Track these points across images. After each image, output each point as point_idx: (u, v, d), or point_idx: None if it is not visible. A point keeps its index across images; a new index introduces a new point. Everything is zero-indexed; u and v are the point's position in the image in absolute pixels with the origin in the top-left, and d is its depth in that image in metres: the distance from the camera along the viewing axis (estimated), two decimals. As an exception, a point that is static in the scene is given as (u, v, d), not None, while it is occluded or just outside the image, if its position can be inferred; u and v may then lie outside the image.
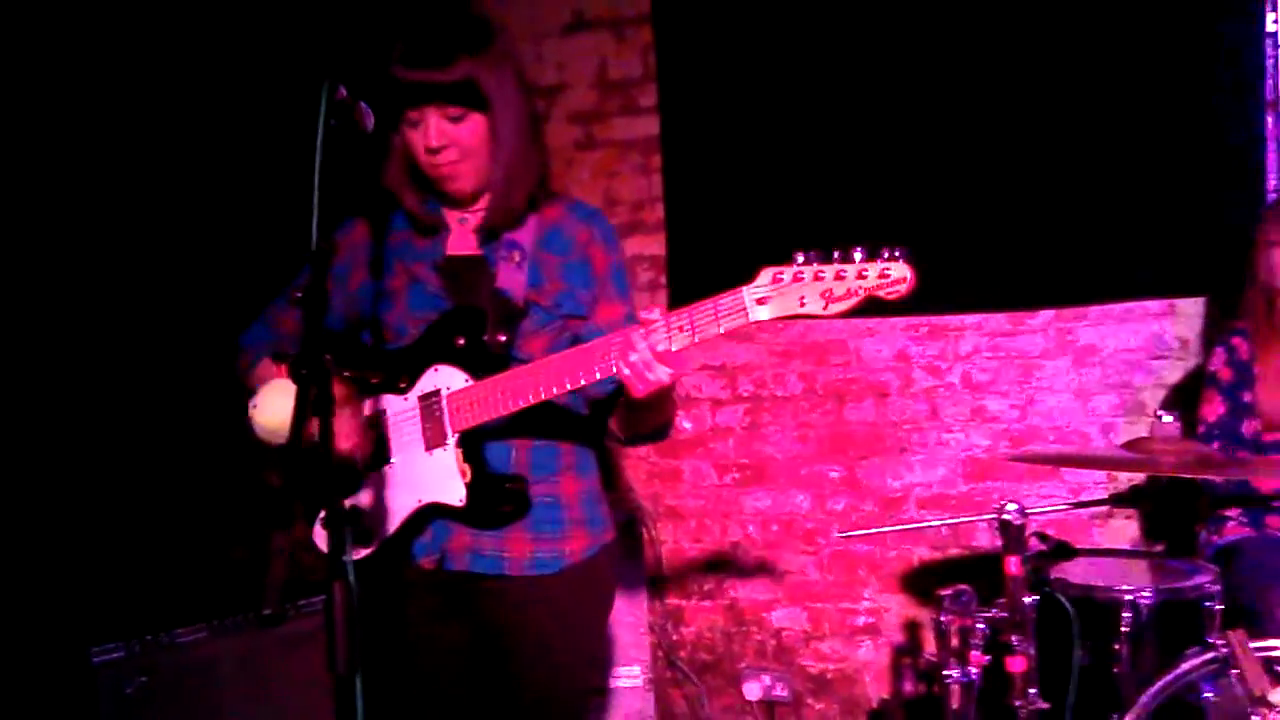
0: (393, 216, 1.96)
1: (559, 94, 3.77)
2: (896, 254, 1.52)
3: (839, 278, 1.51)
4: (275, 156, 3.15)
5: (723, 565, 3.69)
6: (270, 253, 2.58)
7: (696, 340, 1.59)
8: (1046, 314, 3.31)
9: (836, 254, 1.53)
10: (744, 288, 1.56)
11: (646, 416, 1.82)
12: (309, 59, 3.10)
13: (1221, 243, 2.98)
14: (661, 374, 1.61)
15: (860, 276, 1.51)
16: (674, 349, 1.60)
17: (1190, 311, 3.17)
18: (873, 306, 1.54)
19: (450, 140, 1.80)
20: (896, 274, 1.51)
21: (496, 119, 1.82)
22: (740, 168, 3.51)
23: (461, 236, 1.93)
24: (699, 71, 3.56)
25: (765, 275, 1.55)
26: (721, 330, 1.57)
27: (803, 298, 1.53)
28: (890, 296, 1.51)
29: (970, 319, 3.38)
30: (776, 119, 3.46)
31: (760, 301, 1.55)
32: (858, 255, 1.52)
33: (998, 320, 3.36)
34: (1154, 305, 3.20)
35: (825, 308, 1.53)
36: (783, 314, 1.55)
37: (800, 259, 1.54)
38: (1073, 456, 3.06)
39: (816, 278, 1.52)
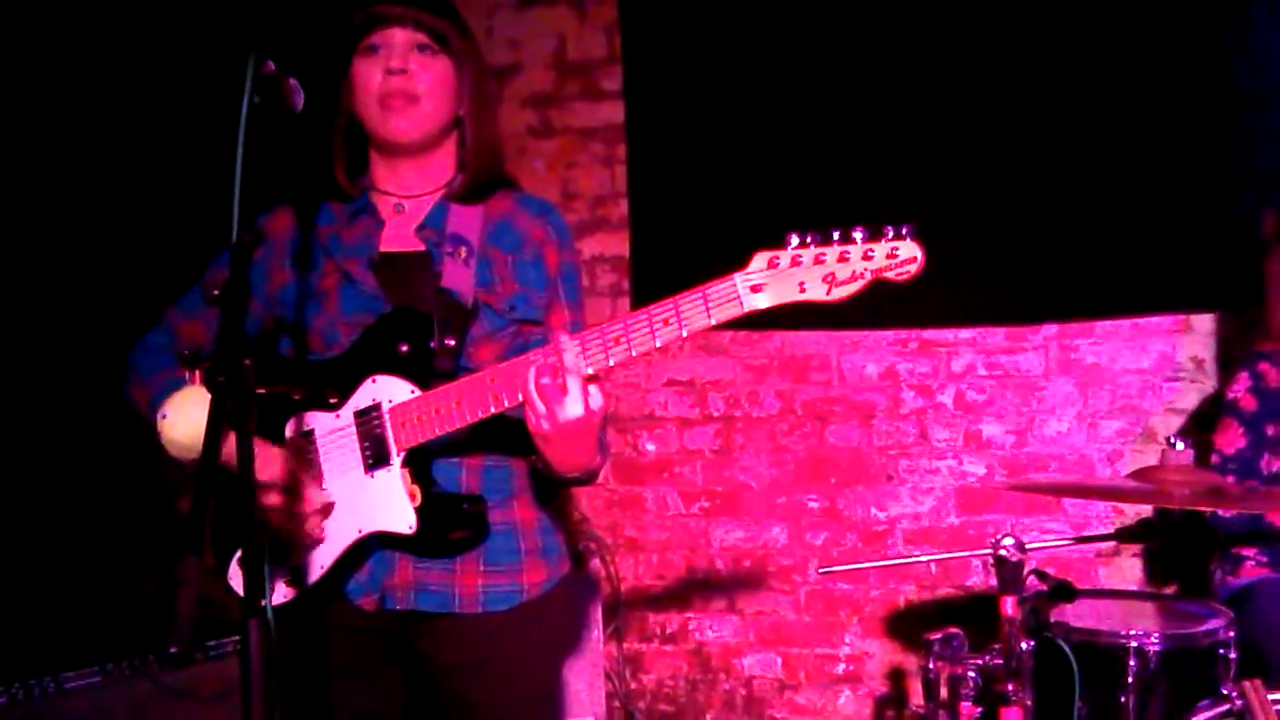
0: (320, 207, 1.94)
1: (512, 75, 3.77)
2: (904, 231, 1.54)
3: (842, 260, 1.54)
4: (162, 137, 3.09)
5: (688, 604, 3.69)
6: (167, 247, 2.52)
7: (684, 334, 1.60)
8: (1048, 330, 3.36)
9: (836, 234, 1.56)
10: (736, 274, 1.57)
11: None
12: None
13: (1238, 253, 3.04)
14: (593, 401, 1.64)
15: (866, 257, 1.53)
16: (657, 345, 1.62)
17: (1206, 329, 3.23)
18: (858, 317, 1.55)
19: (412, 67, 1.83)
20: (906, 253, 1.53)
21: (465, 76, 1.88)
22: (714, 161, 3.53)
23: (398, 230, 1.90)
24: (669, 53, 3.58)
25: (760, 260, 1.57)
26: (713, 322, 1.58)
27: (803, 283, 1.55)
28: (900, 279, 1.54)
29: (965, 334, 3.42)
30: (755, 109, 3.49)
31: (755, 289, 1.56)
32: (858, 235, 1.54)
33: (995, 336, 3.40)
34: (1166, 321, 3.26)
35: (828, 293, 1.55)
36: (781, 301, 1.56)
37: (796, 241, 1.56)
38: (1075, 486, 3.10)
39: (817, 260, 1.55)
